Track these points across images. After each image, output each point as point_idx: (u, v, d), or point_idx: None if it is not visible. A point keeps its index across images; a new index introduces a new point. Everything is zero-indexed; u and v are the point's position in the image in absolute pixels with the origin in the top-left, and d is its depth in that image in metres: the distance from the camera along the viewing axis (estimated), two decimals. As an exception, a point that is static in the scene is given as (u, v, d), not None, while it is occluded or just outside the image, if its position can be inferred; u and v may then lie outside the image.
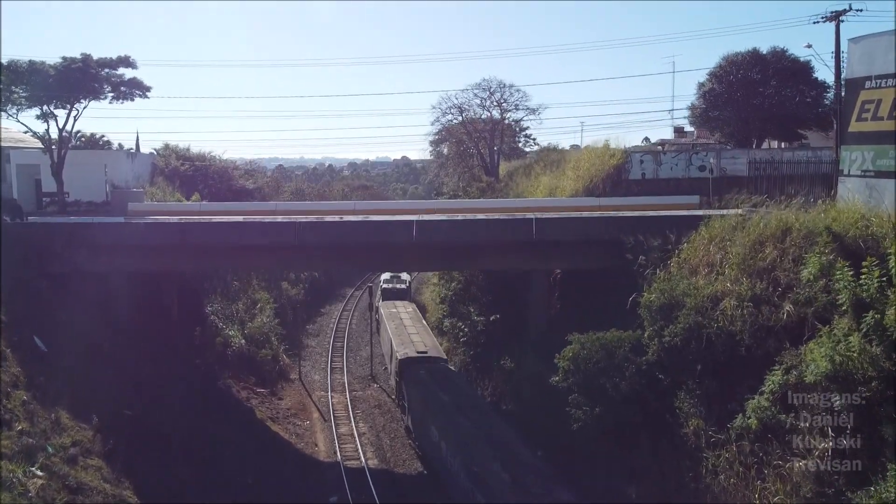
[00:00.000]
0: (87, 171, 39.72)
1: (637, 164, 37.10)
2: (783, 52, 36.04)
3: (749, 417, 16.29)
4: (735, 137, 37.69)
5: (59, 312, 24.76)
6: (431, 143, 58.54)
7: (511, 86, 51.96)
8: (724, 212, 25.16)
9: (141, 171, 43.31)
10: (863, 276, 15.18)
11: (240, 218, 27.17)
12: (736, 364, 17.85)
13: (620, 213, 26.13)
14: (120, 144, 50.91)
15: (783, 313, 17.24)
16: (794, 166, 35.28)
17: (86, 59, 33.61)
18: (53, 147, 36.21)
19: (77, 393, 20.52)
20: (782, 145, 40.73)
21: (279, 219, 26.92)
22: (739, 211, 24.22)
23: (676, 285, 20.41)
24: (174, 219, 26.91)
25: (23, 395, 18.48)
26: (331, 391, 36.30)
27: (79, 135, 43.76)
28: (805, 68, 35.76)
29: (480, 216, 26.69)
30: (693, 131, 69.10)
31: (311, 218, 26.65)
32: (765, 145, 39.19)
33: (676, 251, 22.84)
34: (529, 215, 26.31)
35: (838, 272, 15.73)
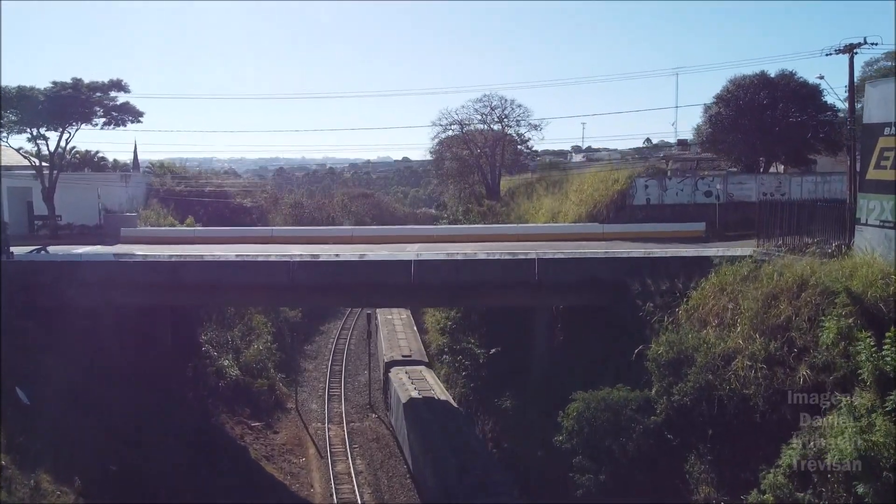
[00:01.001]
0: (79, 193, 39.02)
1: (641, 189, 36.25)
2: (791, 74, 35.16)
3: (765, 493, 15.41)
4: (742, 161, 36.76)
5: (44, 356, 23.87)
6: (432, 154, 57.59)
7: (513, 101, 51.17)
8: (733, 251, 24.28)
9: (135, 192, 42.53)
10: (886, 348, 14.29)
11: (232, 255, 26.28)
12: (749, 430, 16.96)
13: (625, 254, 25.11)
14: (115, 160, 50.06)
15: (799, 377, 16.35)
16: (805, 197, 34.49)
17: (76, 84, 32.85)
18: (45, 171, 35.50)
19: (60, 451, 19.63)
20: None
21: (272, 257, 26.04)
22: (750, 252, 23.34)
23: (685, 338, 19.54)
24: (165, 257, 26.06)
25: (1, 460, 17.61)
26: (328, 422, 35.42)
27: (73, 151, 42.88)
28: (814, 91, 34.85)
29: (481, 255, 25.71)
30: (697, 146, 68.55)
31: (305, 256, 25.74)
32: (772, 169, 38.24)
33: (685, 298, 21.95)
34: (531, 254, 25.35)
35: (859, 342, 14.83)
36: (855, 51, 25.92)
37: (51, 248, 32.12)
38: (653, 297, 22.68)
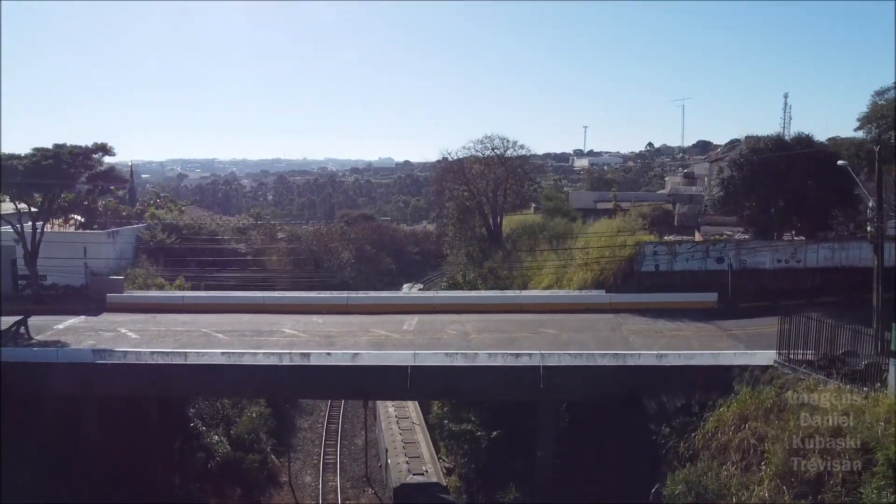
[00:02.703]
0: (65, 252, 37.49)
1: (650, 255, 34.73)
2: (808, 138, 33.54)
3: None
4: (756, 226, 35.17)
5: (20, 467, 22.53)
6: (433, 196, 56.09)
7: (515, 142, 49.76)
8: (751, 358, 22.72)
9: (124, 247, 41.08)
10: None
11: (218, 354, 24.67)
12: None
13: (636, 360, 23.45)
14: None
15: (834, 549, 14.83)
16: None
17: (57, 153, 31.36)
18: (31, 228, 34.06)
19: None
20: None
21: (260, 357, 24.44)
22: (771, 361, 21.79)
23: (705, 478, 18.04)
24: (147, 355, 24.47)
25: None
26: (322, 500, 33.92)
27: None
28: (832, 156, 33.25)
29: (482, 357, 24.01)
30: (704, 176, 66.78)
31: (296, 358, 24.09)
32: (787, 234, 36.62)
33: (702, 420, 20.40)
34: (535, 355, 23.73)
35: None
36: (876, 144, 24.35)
37: (32, 319, 30.76)
38: (668, 416, 21.13)
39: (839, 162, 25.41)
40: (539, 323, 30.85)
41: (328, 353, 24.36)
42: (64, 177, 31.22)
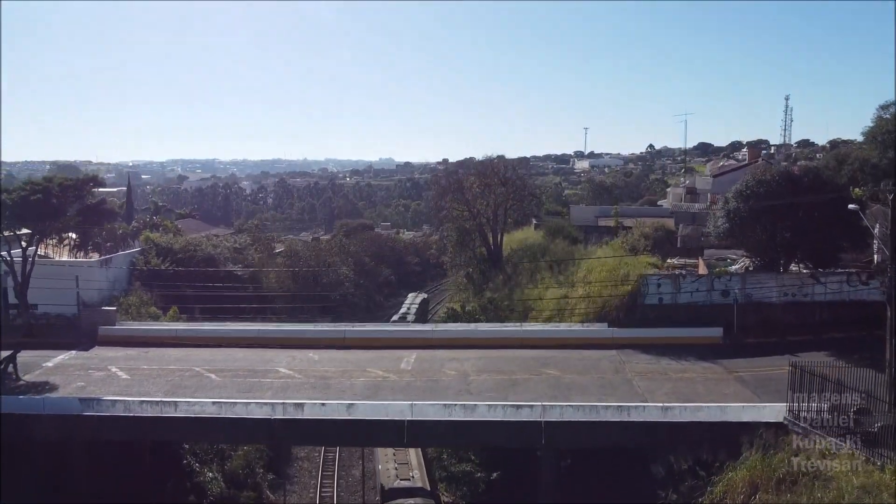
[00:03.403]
0: (57, 281, 36.72)
1: (654, 288, 33.99)
2: (816, 171, 32.72)
3: None
4: (761, 258, 34.37)
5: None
6: (432, 211, 55.29)
7: (516, 167, 48.89)
8: (760, 412, 21.96)
9: (118, 274, 40.29)
10: None
11: (209, 404, 23.84)
12: None
13: (641, 414, 22.63)
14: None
15: None
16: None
17: (47, 186, 30.64)
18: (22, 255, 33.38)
19: None
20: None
21: (253, 407, 23.62)
22: (781, 418, 21.02)
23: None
24: (135, 411, 23.68)
25: None
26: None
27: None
28: (841, 189, 32.54)
29: (481, 409, 23.12)
30: (707, 191, 65.98)
31: (289, 409, 23.27)
32: (794, 266, 35.78)
33: (709, 485, 19.66)
34: (537, 407, 22.93)
35: None
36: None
37: (22, 354, 30.10)
38: (674, 478, 20.39)
39: (850, 206, 24.63)
40: (540, 361, 30.08)
41: (322, 404, 23.55)
42: (54, 212, 30.46)
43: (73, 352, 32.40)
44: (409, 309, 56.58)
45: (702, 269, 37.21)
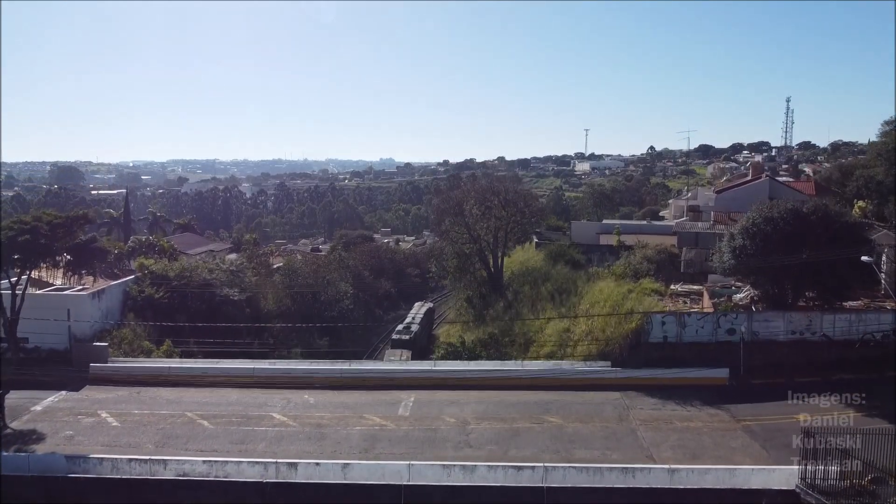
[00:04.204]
0: (48, 313, 35.95)
1: (658, 325, 33.23)
2: (825, 208, 31.90)
3: None
4: (768, 294, 33.56)
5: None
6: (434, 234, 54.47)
7: (517, 190, 48.09)
8: (770, 478, 21.16)
9: (111, 304, 39.45)
10: None
11: (200, 462, 22.99)
12: None
13: (646, 478, 21.82)
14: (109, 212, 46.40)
15: None
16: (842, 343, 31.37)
17: (35, 226, 29.84)
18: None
19: None
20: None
21: (244, 466, 22.80)
22: (793, 486, 20.22)
23: None
24: (122, 470, 22.87)
25: None
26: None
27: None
28: (851, 227, 31.71)
29: (481, 469, 22.25)
30: (710, 209, 65.09)
31: (282, 469, 22.48)
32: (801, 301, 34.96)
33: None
34: (538, 469, 22.11)
35: None
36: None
37: (11, 395, 29.37)
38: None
39: (863, 258, 23.79)
40: (542, 406, 29.26)
41: (317, 464, 22.74)
42: (42, 251, 29.67)
43: (63, 392, 31.62)
44: (413, 318, 56.31)
45: (706, 303, 36.42)
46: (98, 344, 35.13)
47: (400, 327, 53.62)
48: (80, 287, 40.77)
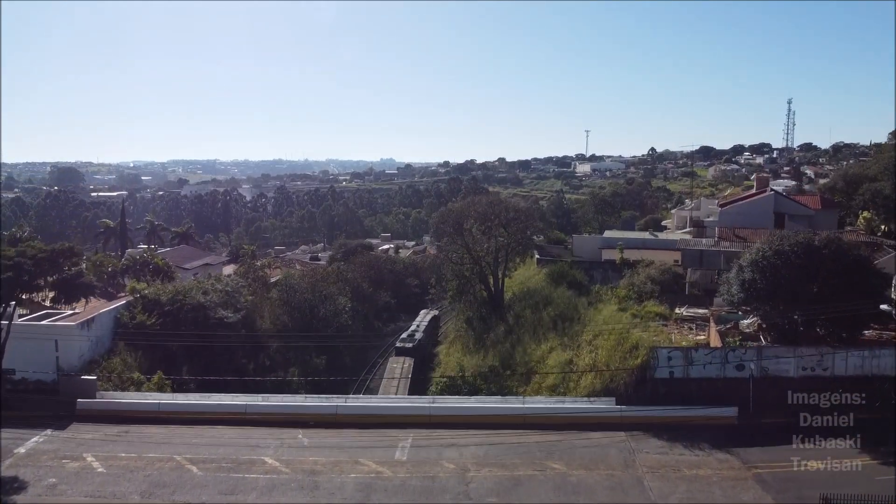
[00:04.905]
0: (35, 345, 34.93)
1: (664, 360, 32.11)
2: (838, 240, 30.81)
3: None
4: (778, 329, 32.48)
5: None
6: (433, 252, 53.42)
7: (518, 209, 47.07)
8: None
9: (100, 333, 38.32)
10: None
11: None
12: None
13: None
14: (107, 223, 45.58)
15: None
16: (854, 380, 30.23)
17: (19, 262, 28.70)
18: None
19: None
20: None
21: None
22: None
23: None
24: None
25: None
26: None
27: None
28: (863, 261, 30.62)
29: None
30: (713, 224, 63.95)
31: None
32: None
33: None
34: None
35: None
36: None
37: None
38: None
39: (882, 306, 22.71)
40: (545, 450, 28.16)
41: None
42: (26, 288, 28.61)
43: (49, 431, 30.55)
44: (418, 326, 57.95)
45: (713, 332, 35.37)
46: (86, 378, 34.05)
47: (404, 335, 54.41)
48: (71, 312, 39.82)
